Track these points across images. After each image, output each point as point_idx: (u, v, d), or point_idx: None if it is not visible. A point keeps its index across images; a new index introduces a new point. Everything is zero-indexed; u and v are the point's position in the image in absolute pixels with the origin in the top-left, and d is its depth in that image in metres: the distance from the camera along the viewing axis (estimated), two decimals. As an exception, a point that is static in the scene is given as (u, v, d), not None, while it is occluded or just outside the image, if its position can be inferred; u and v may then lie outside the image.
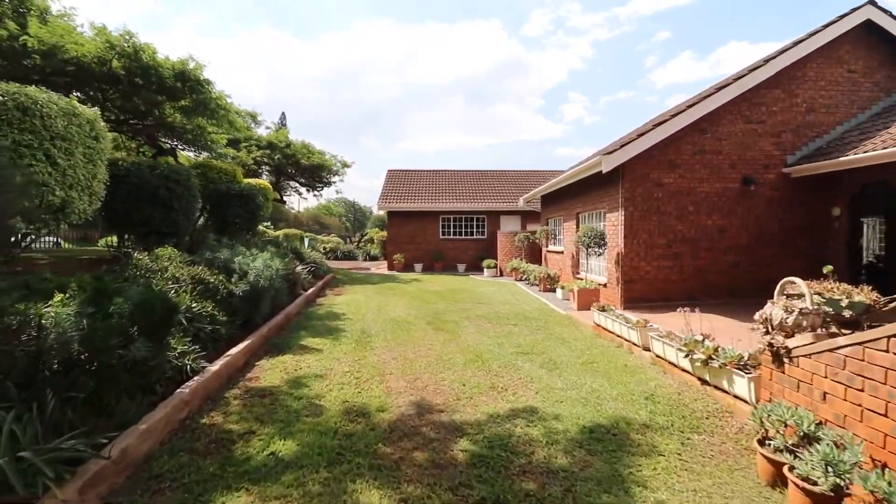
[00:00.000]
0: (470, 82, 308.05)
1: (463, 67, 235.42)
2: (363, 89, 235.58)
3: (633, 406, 4.22)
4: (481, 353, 6.23)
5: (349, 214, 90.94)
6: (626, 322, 6.40)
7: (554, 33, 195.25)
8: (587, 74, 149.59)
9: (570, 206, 12.60)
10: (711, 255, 9.25)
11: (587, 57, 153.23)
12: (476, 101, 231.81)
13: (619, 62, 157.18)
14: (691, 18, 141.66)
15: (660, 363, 5.41)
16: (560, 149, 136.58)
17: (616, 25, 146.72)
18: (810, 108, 9.27)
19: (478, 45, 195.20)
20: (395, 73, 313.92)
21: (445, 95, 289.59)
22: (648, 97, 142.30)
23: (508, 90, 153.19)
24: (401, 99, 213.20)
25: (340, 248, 30.07)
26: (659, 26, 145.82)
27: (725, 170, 9.20)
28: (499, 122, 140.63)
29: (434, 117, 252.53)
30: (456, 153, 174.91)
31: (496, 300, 11.25)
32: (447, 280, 16.50)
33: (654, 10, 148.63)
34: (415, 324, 8.30)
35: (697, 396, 4.40)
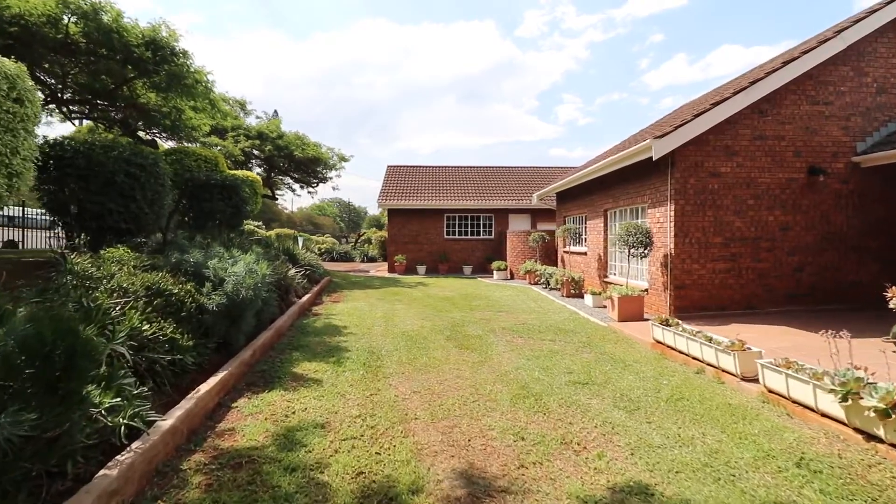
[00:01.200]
0: (465, 82, 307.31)
1: (458, 68, 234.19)
2: (357, 88, 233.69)
3: (790, 483, 2.86)
4: (527, 384, 4.86)
5: (343, 215, 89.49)
6: (710, 342, 5.06)
7: (549, 34, 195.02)
8: (581, 76, 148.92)
9: (597, 203, 11.28)
10: (772, 256, 7.96)
11: (581, 58, 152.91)
12: (471, 101, 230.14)
13: (614, 64, 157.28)
14: (685, 21, 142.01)
15: (776, 401, 4.07)
16: (553, 150, 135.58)
17: (611, 27, 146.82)
18: (881, 87, 8.02)
19: (472, 46, 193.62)
20: (390, 73, 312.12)
21: (440, 95, 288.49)
22: (642, 99, 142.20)
23: (503, 91, 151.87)
24: (395, 99, 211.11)
25: (336, 249, 28.57)
26: (653, 28, 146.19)
27: (789, 158, 7.91)
28: (493, 123, 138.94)
29: (429, 117, 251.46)
30: (450, 153, 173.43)
31: (518, 308, 9.88)
32: (455, 284, 15.11)
33: (648, 12, 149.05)
34: (432, 339, 6.91)
35: (873, 462, 3.06)
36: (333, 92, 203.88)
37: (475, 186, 20.88)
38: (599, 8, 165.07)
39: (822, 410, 3.63)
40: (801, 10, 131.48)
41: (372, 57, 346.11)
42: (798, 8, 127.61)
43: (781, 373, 3.96)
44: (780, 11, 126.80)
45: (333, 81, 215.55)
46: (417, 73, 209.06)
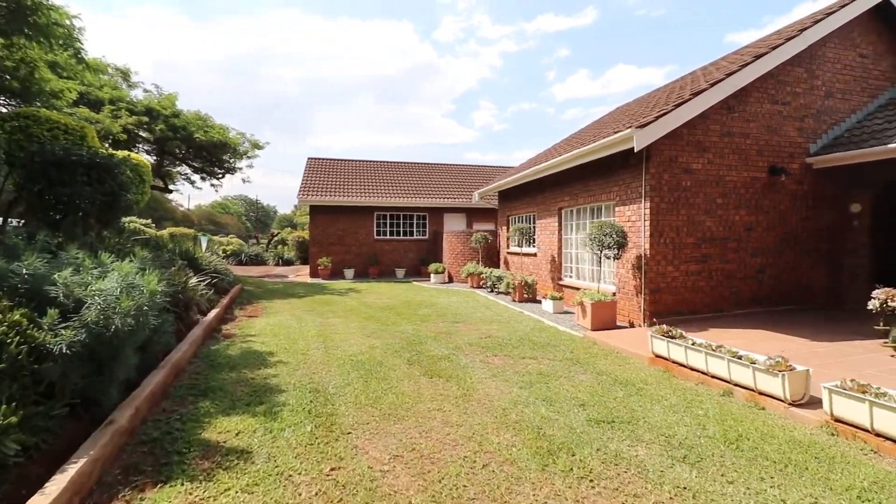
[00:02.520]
0: (382, 81, 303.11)
1: (375, 66, 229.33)
2: (264, 80, 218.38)
3: None
4: (540, 428, 3.68)
5: (250, 213, 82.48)
6: (739, 359, 4.30)
7: (465, 41, 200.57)
8: (496, 83, 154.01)
9: (549, 201, 10.57)
10: (738, 257, 7.74)
11: (496, 66, 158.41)
12: (389, 101, 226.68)
13: (525, 74, 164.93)
14: (588, 39, 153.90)
15: (849, 433, 3.34)
16: (469, 153, 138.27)
17: (523, 39, 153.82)
18: (829, 92, 8.22)
19: (391, 46, 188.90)
20: (302, 66, 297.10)
21: (357, 93, 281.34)
22: (548, 108, 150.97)
23: (421, 92, 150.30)
24: (307, 93, 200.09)
25: (245, 251, 25.25)
26: (560, 44, 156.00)
27: (753, 156, 7.75)
28: (411, 124, 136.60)
29: (344, 114, 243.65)
30: (367, 152, 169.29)
31: (474, 317, 8.73)
32: (392, 289, 13.59)
33: (556, 28, 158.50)
34: (390, 365, 5.45)
35: None
36: (236, 81, 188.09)
37: (407, 183, 19.48)
38: (512, 20, 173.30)
39: (931, 451, 2.91)
40: (681, 41, 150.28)
41: (282, 48, 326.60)
42: (678, 39, 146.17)
43: (864, 401, 3.22)
44: (665, 40, 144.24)
45: (237, 70, 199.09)
46: (332, 68, 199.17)
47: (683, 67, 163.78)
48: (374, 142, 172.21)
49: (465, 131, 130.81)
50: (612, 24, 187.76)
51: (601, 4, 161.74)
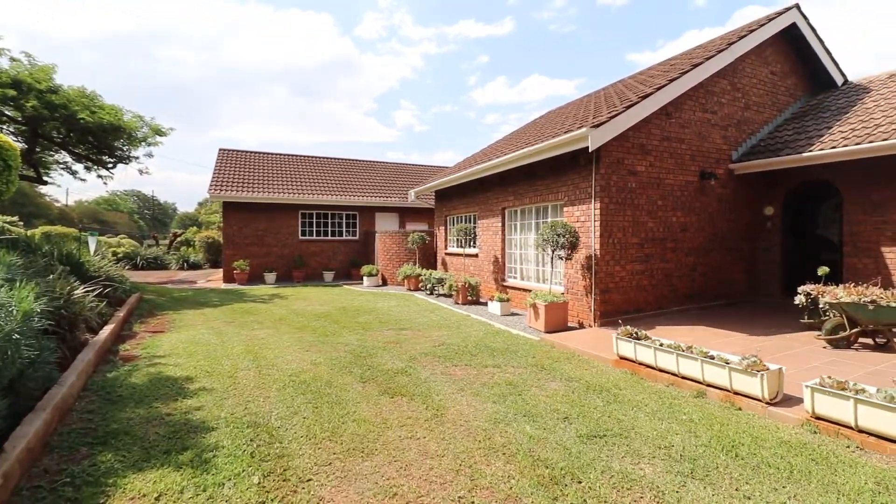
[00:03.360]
0: (298, 74, 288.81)
1: (291, 58, 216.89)
2: (161, 63, 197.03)
3: None
4: (533, 452, 3.27)
5: (144, 211, 73.71)
6: (712, 359, 4.26)
7: (387, 39, 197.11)
8: (418, 84, 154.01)
9: (492, 200, 10.37)
10: (675, 256, 8.09)
11: (418, 67, 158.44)
12: (304, 94, 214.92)
13: (447, 77, 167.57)
14: (506, 48, 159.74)
15: (831, 430, 3.36)
16: (392, 153, 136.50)
17: (444, 42, 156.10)
18: (747, 104, 8.94)
19: (308, 37, 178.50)
20: (207, 51, 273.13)
21: (269, 84, 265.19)
22: (469, 113, 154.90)
23: (340, 88, 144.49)
24: (212, 81, 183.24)
25: (141, 254, 22.09)
26: (480, 50, 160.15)
27: (687, 161, 8.14)
28: (329, 120, 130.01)
29: (254, 106, 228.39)
30: (279, 147, 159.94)
31: (420, 323, 8.18)
32: (322, 294, 12.52)
33: (476, 34, 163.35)
34: (341, 384, 4.73)
35: None
36: (127, 64, 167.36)
37: (336, 180, 18.31)
38: (434, 22, 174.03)
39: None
40: (588, 57, 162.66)
41: (183, 29, 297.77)
42: (586, 55, 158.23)
43: (849, 398, 3.24)
44: (575, 54, 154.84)
45: (127, 51, 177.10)
46: (242, 55, 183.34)
47: (591, 81, 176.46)
48: (288, 137, 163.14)
49: (386, 131, 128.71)
50: (528, 36, 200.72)
51: (518, 16, 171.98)
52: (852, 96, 8.65)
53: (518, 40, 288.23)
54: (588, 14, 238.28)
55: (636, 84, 9.29)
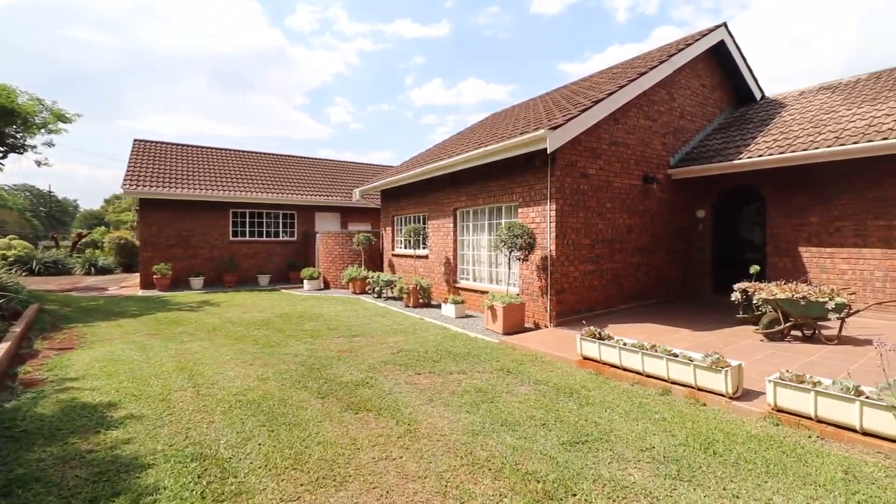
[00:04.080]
0: (223, 63, 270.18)
1: (214, 45, 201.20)
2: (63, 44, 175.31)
3: None
4: (521, 466, 3.11)
5: (39, 208, 65.25)
6: (676, 357, 4.37)
7: (321, 33, 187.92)
8: (353, 81, 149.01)
9: (443, 201, 10.19)
10: (622, 256, 8.40)
11: (353, 64, 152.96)
12: (230, 85, 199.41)
13: (383, 75, 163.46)
14: (443, 50, 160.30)
15: (792, 422, 3.54)
16: (325, 150, 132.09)
17: (380, 40, 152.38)
18: (682, 113, 9.55)
19: (234, 24, 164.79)
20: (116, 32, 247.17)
21: (189, 72, 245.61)
22: (407, 112, 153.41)
23: (269, 81, 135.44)
24: (122, 66, 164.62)
25: (38, 257, 19.25)
26: (417, 51, 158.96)
27: (632, 165, 8.50)
28: (257, 113, 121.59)
29: (171, 95, 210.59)
30: (201, 141, 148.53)
31: (373, 328, 7.78)
32: (258, 300, 11.60)
33: (413, 35, 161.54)
34: (297, 402, 4.27)
35: None
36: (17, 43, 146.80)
37: (272, 177, 17.15)
38: (370, 19, 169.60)
39: (868, 430, 3.18)
40: (522, 64, 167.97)
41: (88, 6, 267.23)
42: (519, 62, 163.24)
43: (809, 391, 3.42)
44: (509, 61, 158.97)
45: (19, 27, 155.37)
46: (158, 40, 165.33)
47: (525, 87, 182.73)
48: (210, 130, 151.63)
49: (319, 127, 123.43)
50: (464, 39, 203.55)
51: (455, 19, 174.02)
52: (771, 110, 9.56)
53: (455, 43, 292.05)
54: (522, 22, 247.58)
55: (582, 90, 9.58)
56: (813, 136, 7.38)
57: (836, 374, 4.49)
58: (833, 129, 7.25)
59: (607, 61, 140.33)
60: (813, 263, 7.87)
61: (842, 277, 7.49)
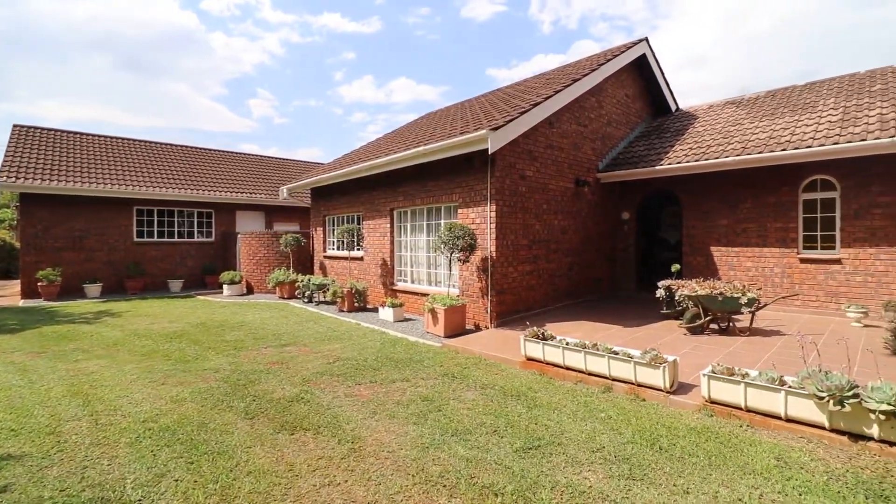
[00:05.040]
0: (126, 44, 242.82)
1: (115, 23, 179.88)
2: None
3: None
4: (473, 477, 2.96)
5: None
6: (617, 355, 4.49)
7: (242, 20, 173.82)
8: (277, 73, 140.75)
9: (379, 200, 9.84)
10: (557, 256, 8.65)
11: (278, 55, 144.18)
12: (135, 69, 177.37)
13: (311, 69, 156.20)
14: (373, 47, 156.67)
15: (724, 412, 3.74)
16: (245, 145, 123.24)
17: (308, 32, 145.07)
18: (609, 120, 10.07)
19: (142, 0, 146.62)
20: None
21: (85, 52, 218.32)
22: (336, 109, 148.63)
23: (182, 67, 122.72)
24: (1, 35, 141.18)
25: None
26: (347, 46, 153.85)
27: (565, 169, 8.78)
28: (167, 103, 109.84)
29: (65, 76, 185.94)
30: (101, 131, 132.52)
31: (304, 336, 7.26)
32: (170, 308, 10.41)
33: (342, 29, 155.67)
34: (220, 425, 3.78)
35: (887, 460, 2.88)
36: None
37: (184, 171, 15.57)
38: (296, 10, 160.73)
39: (791, 417, 3.43)
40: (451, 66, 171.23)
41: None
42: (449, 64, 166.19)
43: (740, 383, 3.64)
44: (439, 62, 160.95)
45: None
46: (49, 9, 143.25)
47: (455, 89, 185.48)
48: (112, 119, 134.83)
49: (240, 120, 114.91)
50: (395, 38, 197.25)
51: (386, 17, 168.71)
52: (685, 121, 10.41)
53: (385, 41, 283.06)
54: (452, 25, 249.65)
55: (518, 94, 9.74)
56: (723, 146, 8.12)
57: (755, 363, 4.90)
58: (740, 140, 8.04)
59: (533, 69, 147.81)
60: (723, 261, 8.66)
61: (747, 274, 8.32)
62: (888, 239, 7.02)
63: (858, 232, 7.27)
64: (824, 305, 7.57)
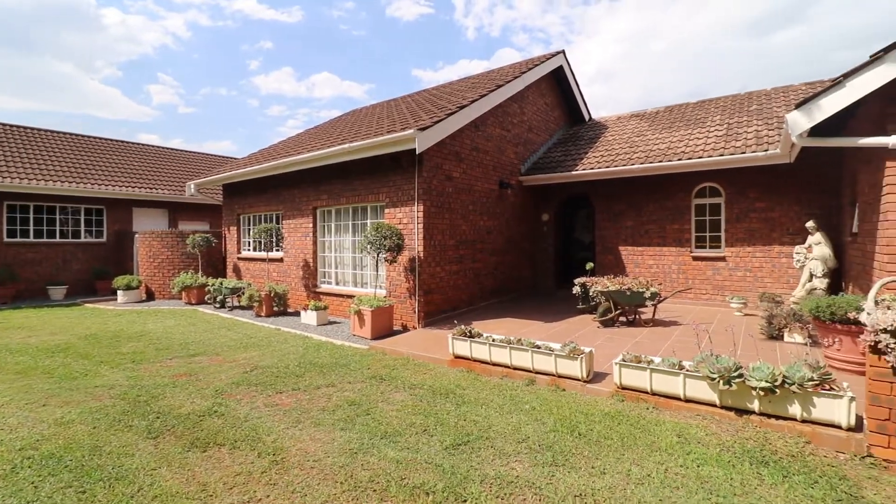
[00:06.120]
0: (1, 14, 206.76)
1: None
2: None
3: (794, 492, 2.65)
4: (403, 478, 2.93)
5: None
6: (540, 349, 4.71)
7: None
8: (183, 57, 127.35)
9: (300, 199, 9.41)
10: (483, 256, 8.89)
11: (184, 38, 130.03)
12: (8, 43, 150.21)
13: (222, 56, 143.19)
14: (294, 38, 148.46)
15: (633, 397, 4.08)
16: (145, 135, 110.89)
17: (219, 16, 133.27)
18: (530, 126, 10.56)
19: None
20: None
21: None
22: (251, 100, 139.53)
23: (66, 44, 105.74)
24: None
25: None
26: (265, 34, 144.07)
27: (490, 171, 9.05)
28: (47, 84, 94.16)
29: None
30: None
31: (217, 344, 6.71)
32: (52, 318, 9.05)
33: (259, 16, 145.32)
34: (118, 447, 3.36)
35: (772, 430, 3.32)
36: None
37: (68, 162, 13.63)
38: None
39: (689, 397, 3.83)
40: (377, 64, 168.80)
41: None
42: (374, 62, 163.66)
43: (646, 369, 3.99)
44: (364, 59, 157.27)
45: None
46: None
47: (380, 87, 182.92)
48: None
49: (137, 107, 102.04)
50: (318, 31, 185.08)
51: (308, 8, 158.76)
52: (597, 130, 11.25)
53: (308, 33, 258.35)
54: (378, 22, 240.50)
55: (445, 95, 9.86)
56: (629, 155, 8.90)
57: (658, 350, 5.41)
58: (644, 150, 8.86)
59: (458, 73, 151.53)
60: (629, 260, 9.48)
61: (650, 270, 9.19)
62: (763, 239, 8.16)
63: (739, 233, 8.37)
64: (713, 297, 8.60)
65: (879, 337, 2.90)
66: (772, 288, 7.97)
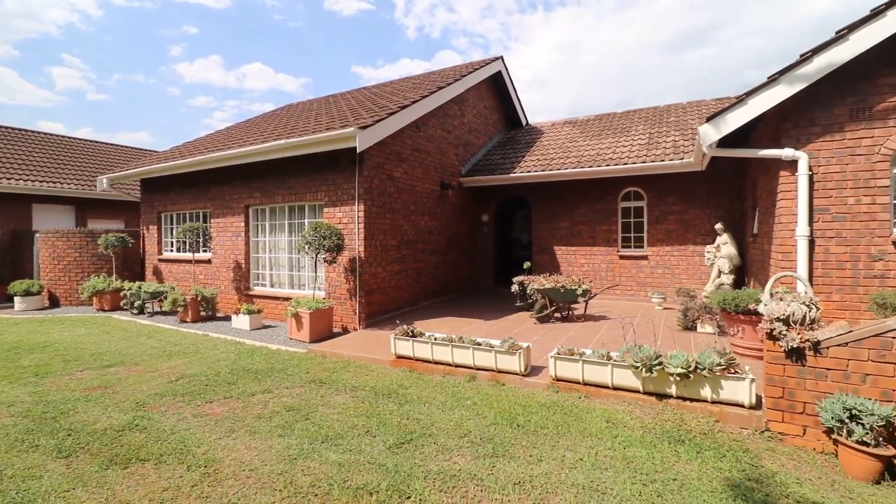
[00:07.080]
0: None
1: None
2: None
3: (701, 465, 2.95)
4: (347, 480, 2.91)
5: None
6: (480, 346, 4.83)
7: None
8: (92, 38, 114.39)
9: (231, 196, 8.91)
10: (424, 256, 8.94)
11: (94, 17, 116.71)
12: None
13: (138, 39, 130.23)
14: (222, 25, 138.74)
15: (566, 387, 4.32)
16: (46, 122, 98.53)
17: None
18: (470, 128, 10.77)
19: None
20: None
21: None
22: (174, 89, 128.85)
23: None
24: None
25: None
26: (187, 18, 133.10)
27: (431, 172, 9.13)
28: None
29: None
30: None
31: (136, 354, 6.18)
32: (-73, 330, 7.80)
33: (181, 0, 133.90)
34: (20, 470, 3.02)
35: (685, 413, 3.67)
36: None
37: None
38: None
39: (616, 385, 4.12)
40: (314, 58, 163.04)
41: None
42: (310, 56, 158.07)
43: (578, 361, 4.24)
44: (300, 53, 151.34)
45: None
46: None
47: (317, 82, 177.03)
48: None
49: (38, 92, 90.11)
50: (250, 19, 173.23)
51: None
52: (534, 135, 11.71)
53: (238, 21, 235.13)
54: (315, 15, 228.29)
55: (386, 94, 9.79)
56: (563, 159, 9.38)
57: (589, 343, 5.76)
58: (576, 155, 9.38)
59: (399, 72, 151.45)
60: (563, 259, 9.99)
61: (581, 269, 9.74)
62: (679, 239, 8.95)
63: (659, 234, 9.12)
64: (637, 293, 9.29)
65: (774, 325, 3.32)
66: (687, 284, 8.77)
